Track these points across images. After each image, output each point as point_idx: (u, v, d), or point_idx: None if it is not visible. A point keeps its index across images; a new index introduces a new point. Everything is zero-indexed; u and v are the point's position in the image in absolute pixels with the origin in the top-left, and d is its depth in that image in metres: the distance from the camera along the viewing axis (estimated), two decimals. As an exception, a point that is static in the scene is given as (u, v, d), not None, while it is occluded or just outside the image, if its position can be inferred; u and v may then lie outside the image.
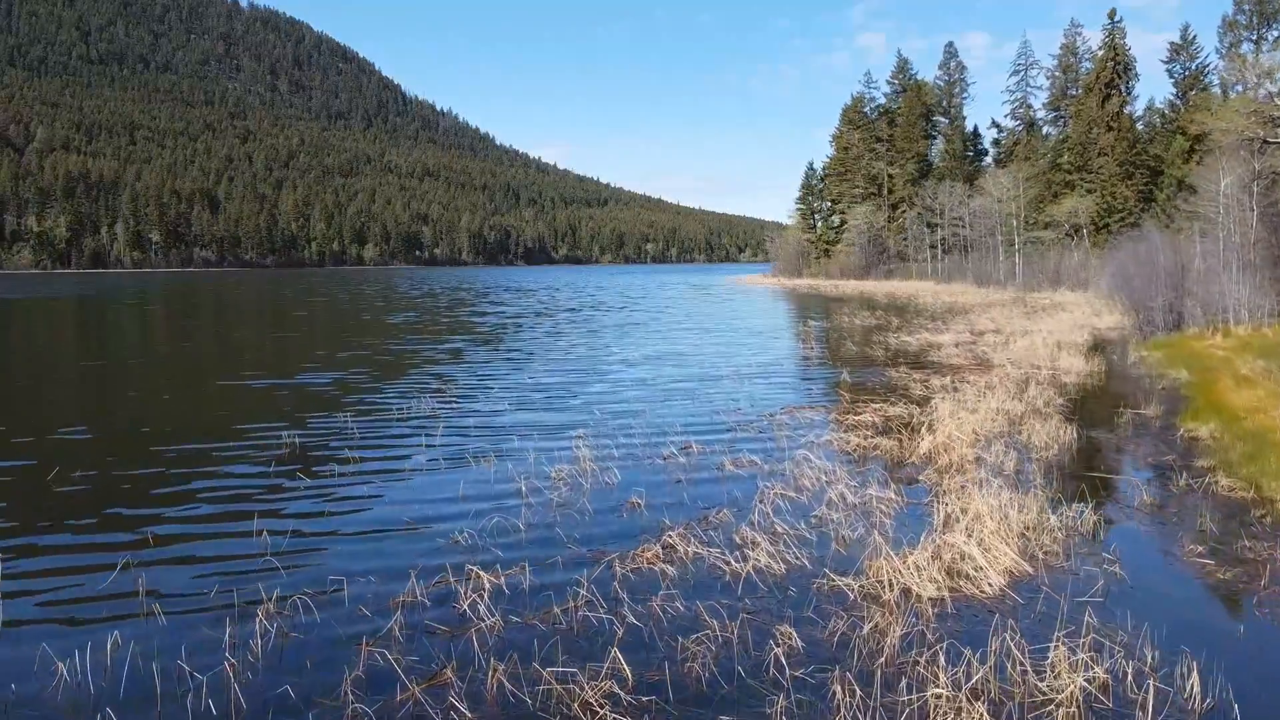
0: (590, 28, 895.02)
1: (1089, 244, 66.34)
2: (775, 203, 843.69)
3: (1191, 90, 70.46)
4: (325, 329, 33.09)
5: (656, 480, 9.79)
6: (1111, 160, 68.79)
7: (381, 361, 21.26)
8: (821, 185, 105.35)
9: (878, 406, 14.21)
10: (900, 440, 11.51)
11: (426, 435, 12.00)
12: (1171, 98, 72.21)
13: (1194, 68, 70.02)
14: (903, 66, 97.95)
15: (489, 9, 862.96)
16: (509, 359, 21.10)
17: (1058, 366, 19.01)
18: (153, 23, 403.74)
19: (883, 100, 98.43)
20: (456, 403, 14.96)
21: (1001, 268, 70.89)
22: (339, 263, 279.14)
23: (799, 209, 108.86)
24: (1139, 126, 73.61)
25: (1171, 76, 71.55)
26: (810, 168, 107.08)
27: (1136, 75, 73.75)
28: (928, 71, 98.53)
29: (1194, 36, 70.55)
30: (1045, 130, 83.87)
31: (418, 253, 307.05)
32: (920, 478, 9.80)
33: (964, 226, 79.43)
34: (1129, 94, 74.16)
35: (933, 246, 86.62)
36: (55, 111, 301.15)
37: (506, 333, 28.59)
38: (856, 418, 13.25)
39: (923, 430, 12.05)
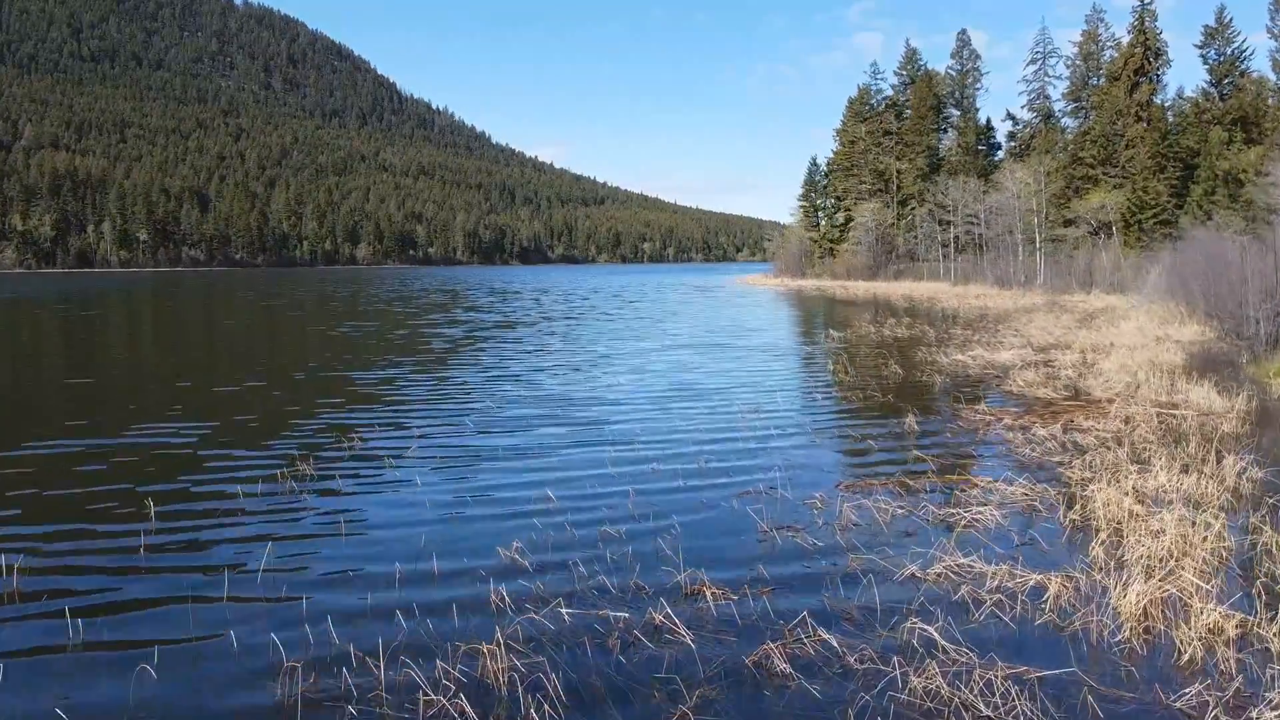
0: (587, 27, 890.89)
1: (1119, 242, 61.27)
2: (773, 202, 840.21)
3: (1226, 78, 65.59)
4: (244, 345, 27.43)
5: (637, 721, 4.74)
6: (1142, 152, 63.76)
7: (276, 401, 15.28)
8: (825, 181, 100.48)
9: (985, 483, 9.19)
10: (1072, 582, 6.44)
11: (235, 587, 6.56)
12: (1205, 85, 67.18)
13: (1231, 52, 65.08)
14: (911, 57, 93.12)
15: (485, 8, 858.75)
16: (449, 400, 15.52)
17: (1188, 401, 13.98)
18: (146, 20, 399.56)
19: (890, 92, 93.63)
20: (338, 491, 9.35)
21: (1021, 268, 65.88)
22: (331, 262, 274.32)
23: (801, 206, 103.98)
24: (1168, 117, 68.67)
25: (1206, 62, 66.58)
26: (813, 163, 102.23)
27: (1168, 61, 68.79)
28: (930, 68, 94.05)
29: (1230, 19, 65.65)
30: (1064, 122, 79.08)
31: (412, 252, 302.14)
32: (1190, 708, 4.76)
33: (979, 224, 74.55)
34: (1159, 82, 69.26)
35: (944, 245, 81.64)
36: (44, 109, 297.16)
37: (464, 353, 22.80)
38: (967, 512, 8.16)
39: (1094, 549, 7.04)
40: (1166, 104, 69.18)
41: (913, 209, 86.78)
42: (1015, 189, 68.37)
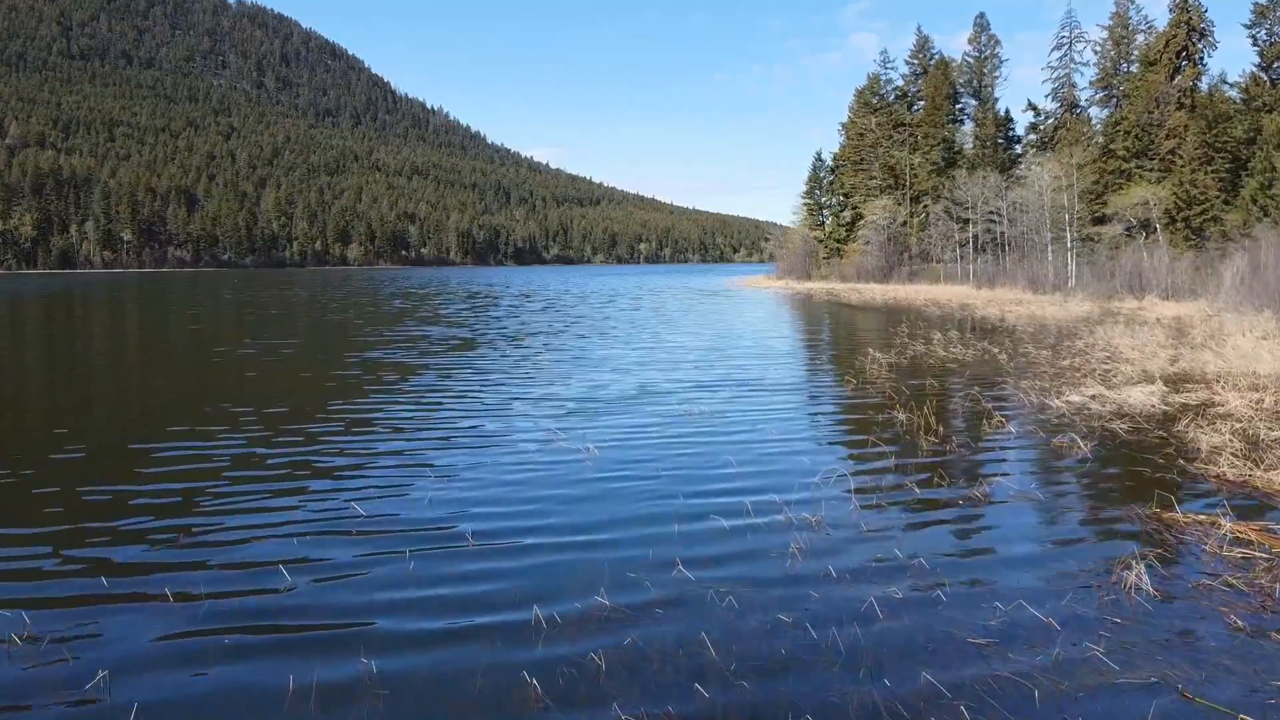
0: (584, 27, 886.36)
1: (1166, 242, 55.11)
2: (770, 203, 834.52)
3: (1279, 60, 59.53)
4: (63, 380, 20.96)
5: None
6: (1189, 143, 57.64)
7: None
8: (832, 178, 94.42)
9: None
10: None
11: None
12: (1254, 69, 60.99)
13: (1285, 32, 58.97)
14: (923, 44, 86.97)
15: (481, 8, 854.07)
16: (278, 517, 8.60)
17: None
18: (137, 18, 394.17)
19: (900, 82, 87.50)
20: None
21: (1052, 269, 59.68)
22: (322, 263, 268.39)
23: (805, 204, 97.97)
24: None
25: (1256, 44, 60.40)
26: (818, 158, 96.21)
27: (1213, 43, 62.73)
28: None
29: (1284, -4, 59.48)
30: (1091, 111, 72.97)
31: (404, 252, 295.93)
32: None
33: (1000, 222, 68.54)
34: (1203, 65, 63.17)
35: (962, 245, 75.60)
36: (31, 107, 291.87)
37: (378, 398, 15.96)
38: None
39: None
40: (1210, 90, 63.09)
41: (926, 206, 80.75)
42: (1044, 183, 62.28)
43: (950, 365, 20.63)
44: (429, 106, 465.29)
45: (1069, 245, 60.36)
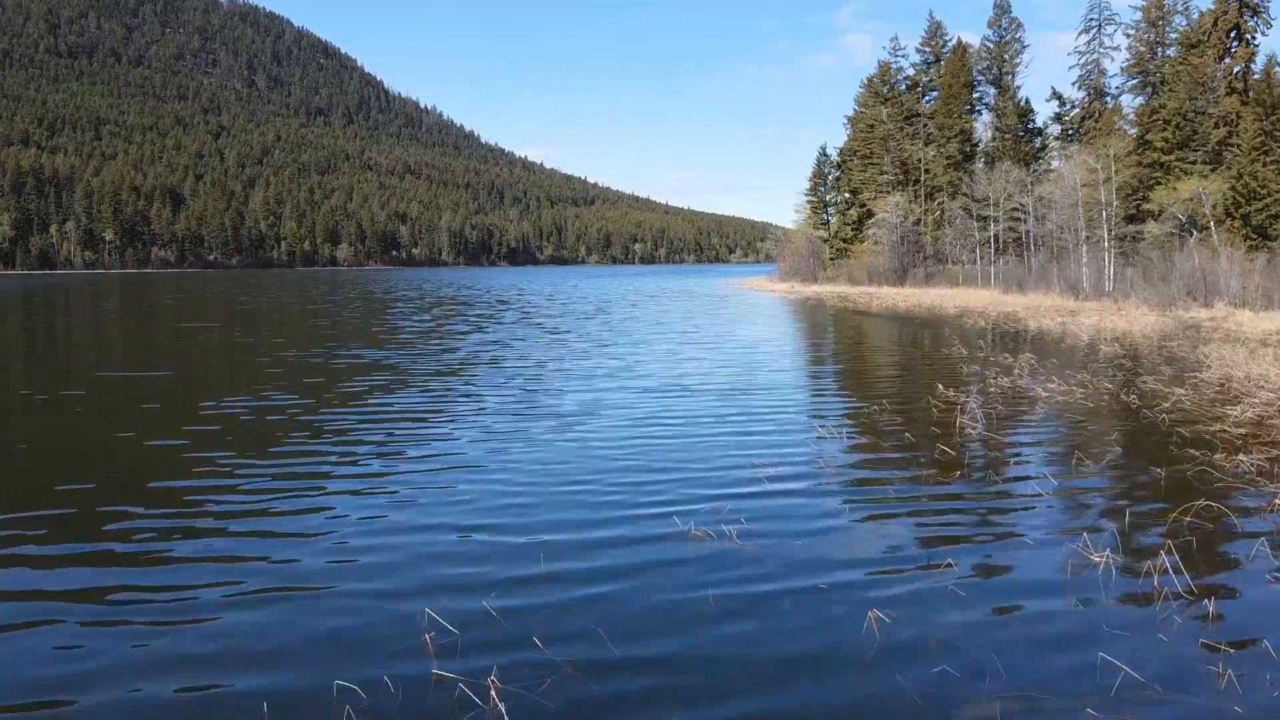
0: (578, 27, 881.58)
1: (1224, 241, 48.95)
2: (766, 203, 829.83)
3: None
4: None
5: None
6: (1247, 131, 51.53)
7: None
8: (837, 174, 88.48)
9: None
10: None
11: None
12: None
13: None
14: (935, 30, 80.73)
15: (475, 7, 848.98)
16: None
17: None
18: (126, 16, 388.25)
19: (911, 72, 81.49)
20: None
21: (1087, 272, 53.49)
22: (310, 263, 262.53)
23: (809, 201, 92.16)
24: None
25: (1317, 22, 54.37)
26: (822, 153, 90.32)
27: (1269, 21, 56.66)
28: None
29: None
30: (1122, 100, 66.91)
31: (395, 253, 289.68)
32: None
33: (1026, 220, 62.48)
34: (1255, 46, 57.10)
35: (982, 245, 69.64)
36: (17, 105, 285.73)
37: (131, 531, 8.93)
38: None
39: None
40: (1265, 72, 56.90)
41: (941, 203, 74.69)
42: (1078, 177, 56.07)
43: (1065, 415, 14.46)
44: (422, 106, 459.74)
45: (1105, 245, 54.29)
